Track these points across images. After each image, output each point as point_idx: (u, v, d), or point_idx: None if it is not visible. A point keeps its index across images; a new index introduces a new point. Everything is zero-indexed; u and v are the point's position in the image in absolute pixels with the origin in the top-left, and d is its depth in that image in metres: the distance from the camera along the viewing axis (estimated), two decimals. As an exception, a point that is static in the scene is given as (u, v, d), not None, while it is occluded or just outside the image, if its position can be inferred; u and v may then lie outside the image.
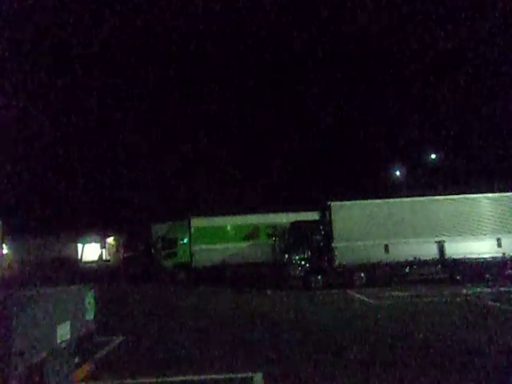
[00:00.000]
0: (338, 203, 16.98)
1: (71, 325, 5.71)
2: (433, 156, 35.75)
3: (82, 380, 6.11)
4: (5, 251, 43.49)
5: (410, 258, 16.23)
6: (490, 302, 11.74)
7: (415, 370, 6.19)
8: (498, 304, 11.43)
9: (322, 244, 16.84)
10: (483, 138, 34.62)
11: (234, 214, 23.34)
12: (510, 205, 16.67)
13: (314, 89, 52.82)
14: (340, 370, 6.31)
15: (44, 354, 4.97)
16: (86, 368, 6.29)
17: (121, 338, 9.14)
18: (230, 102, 54.56)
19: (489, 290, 14.13)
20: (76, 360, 5.93)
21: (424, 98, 48.16)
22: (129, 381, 6.35)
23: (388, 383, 5.76)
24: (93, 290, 6.80)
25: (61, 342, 5.40)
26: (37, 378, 4.86)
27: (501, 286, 14.69)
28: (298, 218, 19.06)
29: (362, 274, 16.43)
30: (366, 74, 52.04)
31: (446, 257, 16.23)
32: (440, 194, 17.98)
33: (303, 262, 16.76)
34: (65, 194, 40.22)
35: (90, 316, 6.52)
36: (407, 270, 16.64)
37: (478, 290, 14.21)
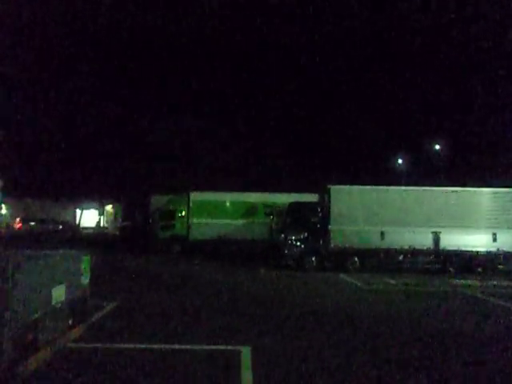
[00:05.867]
0: (338, 187, 17.00)
1: (66, 288, 5.82)
2: (436, 147, 35.64)
3: (75, 341, 6.25)
4: (3, 211, 43.80)
5: (405, 247, 16.34)
6: (477, 295, 11.90)
7: (383, 347, 6.35)
8: (486, 297, 11.59)
9: (318, 226, 16.93)
10: (487, 132, 34.42)
11: (234, 190, 23.41)
12: (508, 200, 16.69)
13: (320, 74, 52.15)
14: (320, 346, 6.46)
15: (39, 314, 5.08)
16: (79, 330, 6.43)
17: (114, 304, 9.29)
18: (234, 81, 53.96)
19: (480, 283, 14.28)
20: (70, 322, 6.06)
21: (431, 88, 47.68)
22: (120, 345, 6.49)
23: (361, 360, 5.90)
24: (89, 256, 6.91)
25: (56, 304, 5.51)
26: (31, 337, 4.98)
27: (492, 280, 14.86)
28: (297, 199, 19.11)
29: (356, 259, 16.57)
30: (373, 60, 51.35)
31: (441, 248, 16.35)
32: (440, 185, 17.97)
33: (299, 243, 16.89)
34: (67, 159, 40.14)
35: (85, 281, 6.65)
36: (401, 258, 16.79)
37: (469, 282, 14.36)
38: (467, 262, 16.48)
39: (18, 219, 36.73)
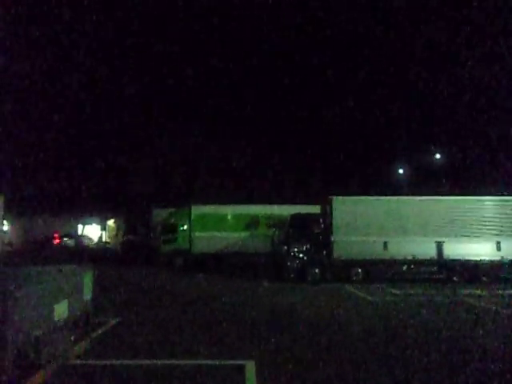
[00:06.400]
0: (340, 198, 16.98)
1: (69, 304, 5.78)
2: (437, 156, 35.68)
3: (78, 358, 6.19)
4: (5, 228, 43.77)
5: (409, 257, 16.25)
6: (483, 304, 11.79)
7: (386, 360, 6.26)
8: (490, 306, 11.48)
9: (321, 237, 16.86)
10: (488, 140, 34.47)
11: (235, 203, 23.41)
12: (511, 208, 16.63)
13: (321, 83, 52.58)
14: (323, 361, 6.38)
15: (41, 331, 5.04)
16: (82, 346, 6.37)
17: (116, 320, 9.23)
18: (233, 93, 54.37)
19: (484, 292, 14.16)
20: (72, 338, 6.01)
21: (433, 97, 47.91)
22: (122, 361, 6.42)
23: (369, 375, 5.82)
24: (91, 271, 6.87)
25: (58, 320, 5.47)
26: (33, 354, 4.93)
27: (497, 289, 14.74)
28: (299, 211, 19.08)
29: (360, 270, 16.47)
30: (372, 70, 51.75)
31: (445, 257, 16.25)
32: (442, 195, 17.94)
33: (301, 255, 16.81)
34: (68, 175, 40.30)
35: (87, 296, 6.60)
36: (405, 268, 16.69)
37: (474, 291, 14.24)
38: (471, 271, 16.36)
39: (55, 235, 39.08)
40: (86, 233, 43.40)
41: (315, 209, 19.35)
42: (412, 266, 16.64)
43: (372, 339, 7.89)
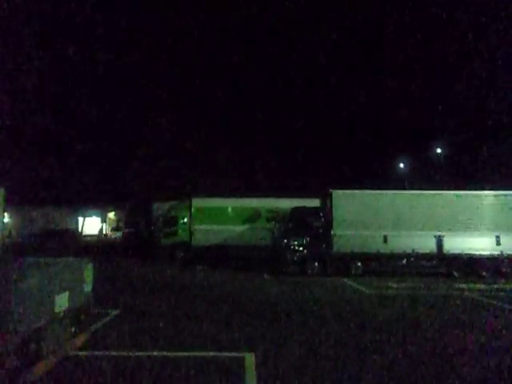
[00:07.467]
0: (340, 191, 16.98)
1: (70, 295, 5.82)
2: (438, 150, 35.63)
3: (78, 349, 6.24)
4: (6, 220, 43.84)
5: (408, 251, 16.28)
6: (482, 298, 11.84)
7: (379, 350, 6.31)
8: (489, 300, 11.52)
9: (321, 231, 16.88)
10: (489, 134, 34.40)
11: (236, 196, 23.43)
12: (511, 203, 16.63)
13: (322, 79, 52.39)
14: (326, 353, 6.43)
15: (42, 322, 5.07)
16: (82, 338, 6.41)
17: (116, 311, 9.28)
18: (236, 86, 54.23)
19: (484, 286, 14.22)
20: (73, 330, 6.05)
21: (433, 91, 47.73)
22: (123, 353, 6.47)
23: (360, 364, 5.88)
24: (92, 263, 6.90)
25: (59, 312, 5.51)
26: (34, 345, 4.97)
27: (496, 283, 14.79)
28: (299, 204, 19.09)
29: (359, 264, 16.52)
30: (374, 64, 51.51)
31: (444, 251, 16.28)
32: (442, 189, 17.91)
33: (301, 248, 16.85)
34: (68, 167, 40.29)
35: (88, 288, 6.63)
36: (404, 262, 16.71)
37: (473, 285, 14.30)
38: (471, 265, 16.40)
39: (109, 228, 43.77)
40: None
41: (315, 202, 19.36)
42: (412, 260, 16.66)
43: (361, 329, 7.98)
